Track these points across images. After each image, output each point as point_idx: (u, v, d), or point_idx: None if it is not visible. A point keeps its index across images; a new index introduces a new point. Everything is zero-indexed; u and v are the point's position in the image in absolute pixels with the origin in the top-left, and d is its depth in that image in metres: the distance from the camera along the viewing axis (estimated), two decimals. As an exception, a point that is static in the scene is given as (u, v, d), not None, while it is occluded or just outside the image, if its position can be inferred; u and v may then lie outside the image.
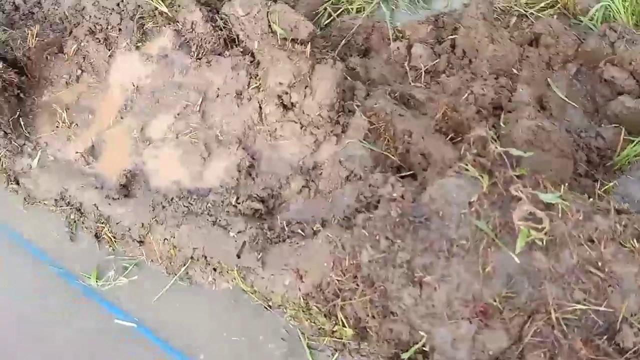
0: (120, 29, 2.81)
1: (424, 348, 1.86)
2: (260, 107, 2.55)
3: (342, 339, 2.09)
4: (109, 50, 2.80)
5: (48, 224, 2.58)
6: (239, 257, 2.24)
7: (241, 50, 2.70)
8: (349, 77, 2.66)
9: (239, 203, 2.40)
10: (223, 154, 2.54)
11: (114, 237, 2.46)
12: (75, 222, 2.54)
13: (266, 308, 2.26)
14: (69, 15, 2.94)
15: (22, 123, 2.73)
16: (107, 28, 2.83)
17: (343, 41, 2.93)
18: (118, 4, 2.82)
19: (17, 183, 2.65)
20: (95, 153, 2.65)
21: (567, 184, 1.95)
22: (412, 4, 3.09)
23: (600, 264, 1.79)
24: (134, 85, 2.74)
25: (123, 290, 2.38)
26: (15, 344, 2.34)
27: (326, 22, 3.16)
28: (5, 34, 2.76)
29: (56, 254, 2.51)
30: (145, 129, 2.66)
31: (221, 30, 2.75)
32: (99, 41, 2.80)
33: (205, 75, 2.67)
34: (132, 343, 2.27)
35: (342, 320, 2.04)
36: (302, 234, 2.28)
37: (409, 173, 2.41)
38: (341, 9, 3.16)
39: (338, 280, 1.96)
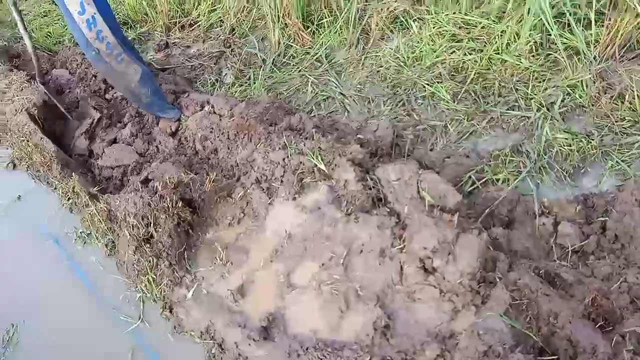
0: (282, 181, 3.12)
1: None
2: (402, 268, 2.63)
3: None
4: (270, 198, 3.11)
5: (190, 355, 2.73)
6: (368, 421, 2.20)
7: (388, 210, 2.86)
8: (491, 247, 2.69)
9: (372, 363, 2.41)
10: (360, 309, 2.61)
11: (250, 378, 2.54)
12: (215, 357, 2.67)
13: None
14: (240, 165, 3.36)
15: (186, 256, 3.04)
16: (270, 179, 3.17)
17: (487, 210, 2.99)
18: (284, 159, 3.16)
19: (171, 311, 2.89)
20: (243, 292, 2.83)
21: None
22: (558, 180, 3.11)
23: None
24: (286, 232, 2.97)
25: None
26: None
27: (469, 189, 3.26)
28: (187, 177, 3.19)
29: (194, 386, 2.64)
30: (291, 274, 2.82)
31: (370, 189, 2.97)
32: (263, 190, 3.14)
33: (352, 230, 2.83)
34: None
35: None
36: (436, 407, 2.20)
37: (553, 358, 2.29)
38: (485, 178, 3.25)
39: None
